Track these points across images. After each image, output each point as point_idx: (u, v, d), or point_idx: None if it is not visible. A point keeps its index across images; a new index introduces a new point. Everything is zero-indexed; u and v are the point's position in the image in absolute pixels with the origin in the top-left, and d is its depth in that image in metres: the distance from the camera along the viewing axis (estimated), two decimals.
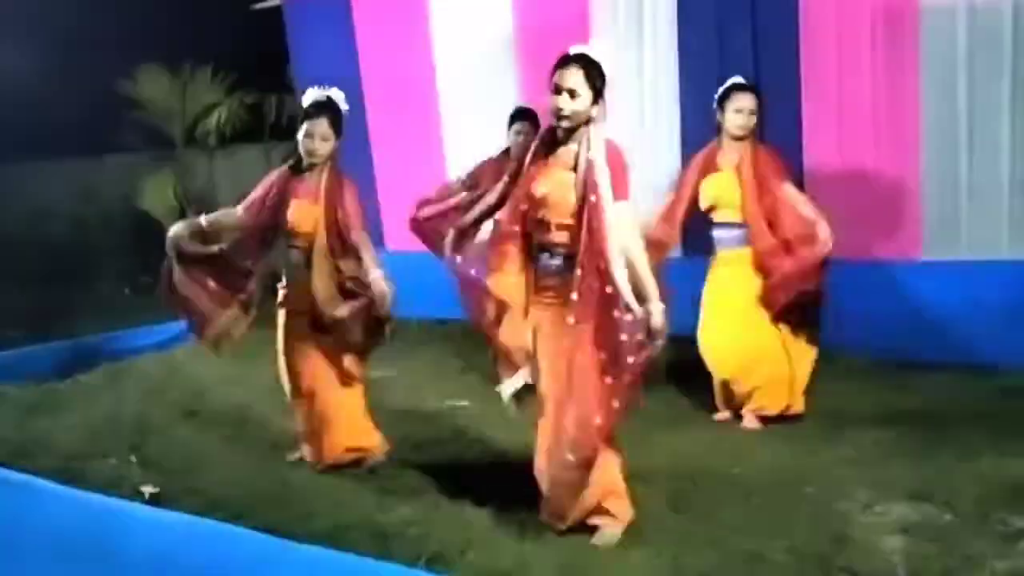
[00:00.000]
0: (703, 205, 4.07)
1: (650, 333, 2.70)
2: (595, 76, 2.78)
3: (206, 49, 9.24)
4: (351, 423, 3.74)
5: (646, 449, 3.81)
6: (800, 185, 4.98)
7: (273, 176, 3.70)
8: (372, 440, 3.79)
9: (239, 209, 3.69)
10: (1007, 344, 4.40)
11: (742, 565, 2.77)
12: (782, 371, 4.01)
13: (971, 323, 4.50)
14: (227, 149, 9.67)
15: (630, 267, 2.74)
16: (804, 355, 4.05)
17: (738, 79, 4.09)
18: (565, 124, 2.81)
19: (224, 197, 10.10)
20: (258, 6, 7.07)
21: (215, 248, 3.63)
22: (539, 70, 5.74)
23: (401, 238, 6.49)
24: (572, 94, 2.76)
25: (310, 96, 3.64)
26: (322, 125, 3.56)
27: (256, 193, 3.68)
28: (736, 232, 4.01)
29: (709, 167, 4.08)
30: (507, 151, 4.67)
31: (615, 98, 5.62)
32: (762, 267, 3.95)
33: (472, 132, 6.23)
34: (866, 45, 4.76)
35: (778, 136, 5.01)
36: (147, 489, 3.51)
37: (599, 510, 2.97)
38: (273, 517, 3.17)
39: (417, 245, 4.65)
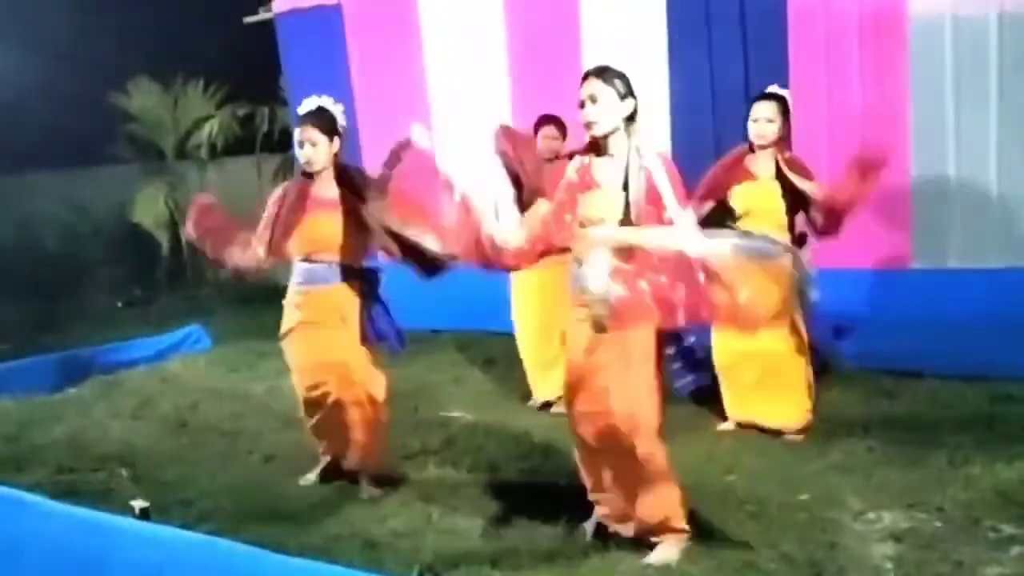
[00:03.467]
0: (737, 211, 3.97)
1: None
2: (613, 80, 2.78)
3: (198, 62, 9.28)
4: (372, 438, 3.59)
5: None
6: None
7: (279, 191, 3.58)
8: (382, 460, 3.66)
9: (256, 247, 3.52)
10: (996, 352, 4.41)
11: (735, 573, 2.78)
12: (795, 383, 3.98)
13: (960, 331, 4.52)
14: (218, 161, 9.69)
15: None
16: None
17: (770, 89, 4.04)
18: (597, 131, 2.80)
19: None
20: (250, 19, 7.08)
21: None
22: (530, 80, 5.86)
23: None
24: (593, 100, 2.78)
25: (303, 107, 3.57)
26: (308, 130, 3.46)
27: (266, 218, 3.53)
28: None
29: (741, 173, 3.99)
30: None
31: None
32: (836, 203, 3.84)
33: (464, 143, 6.25)
34: (855, 54, 4.80)
35: None
36: (137, 503, 3.49)
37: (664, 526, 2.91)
38: (265, 530, 3.17)
39: None
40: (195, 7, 9.41)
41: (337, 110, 3.56)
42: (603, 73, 2.81)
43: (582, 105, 2.82)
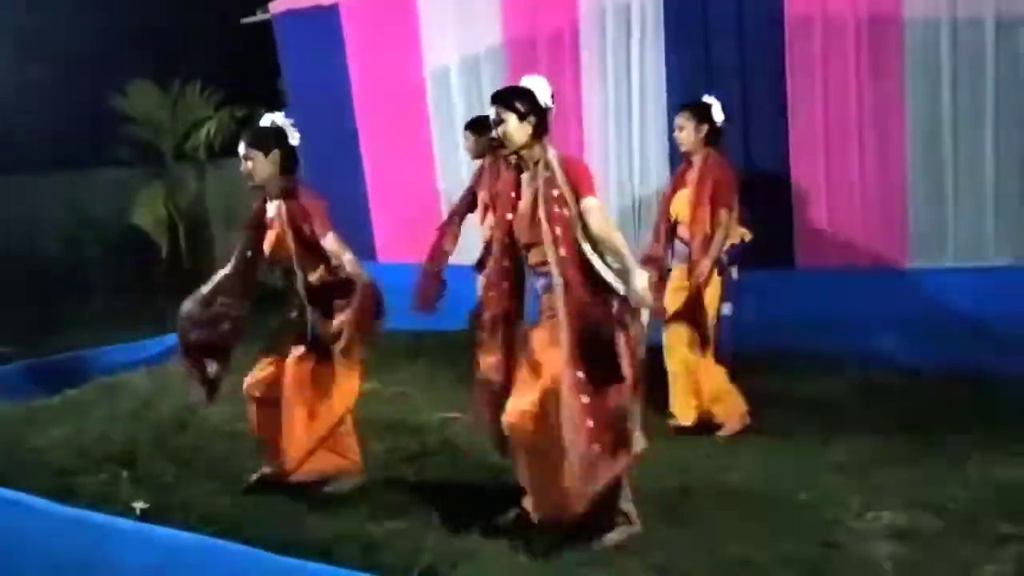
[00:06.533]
0: (672, 217, 4.19)
1: (633, 310, 2.86)
2: (512, 100, 2.99)
3: (196, 63, 9.28)
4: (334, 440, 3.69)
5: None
6: (788, 196, 5.05)
7: (254, 207, 3.71)
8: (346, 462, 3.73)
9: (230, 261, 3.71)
10: (994, 350, 4.43)
11: (734, 572, 2.79)
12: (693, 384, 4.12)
13: (958, 330, 4.53)
14: (217, 163, 9.67)
15: (612, 253, 2.90)
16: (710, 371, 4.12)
17: (706, 99, 4.18)
18: (505, 150, 3.05)
19: (214, 210, 10.16)
20: (248, 20, 7.09)
21: (216, 311, 3.66)
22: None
23: (392, 249, 6.52)
24: (497, 123, 3.00)
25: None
26: (242, 146, 3.55)
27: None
28: (682, 248, 4.16)
29: (679, 183, 4.20)
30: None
31: (604, 107, 5.73)
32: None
33: (462, 145, 6.25)
34: (851, 58, 4.81)
35: (766, 148, 5.07)
36: (138, 505, 3.50)
37: (608, 514, 3.00)
38: (264, 531, 3.17)
39: (408, 256, 4.69)
40: (193, 9, 9.41)
41: (284, 125, 3.60)
42: (502, 98, 3.01)
43: (493, 125, 3.02)
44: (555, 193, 2.92)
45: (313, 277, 3.55)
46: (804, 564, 2.81)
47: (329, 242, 3.44)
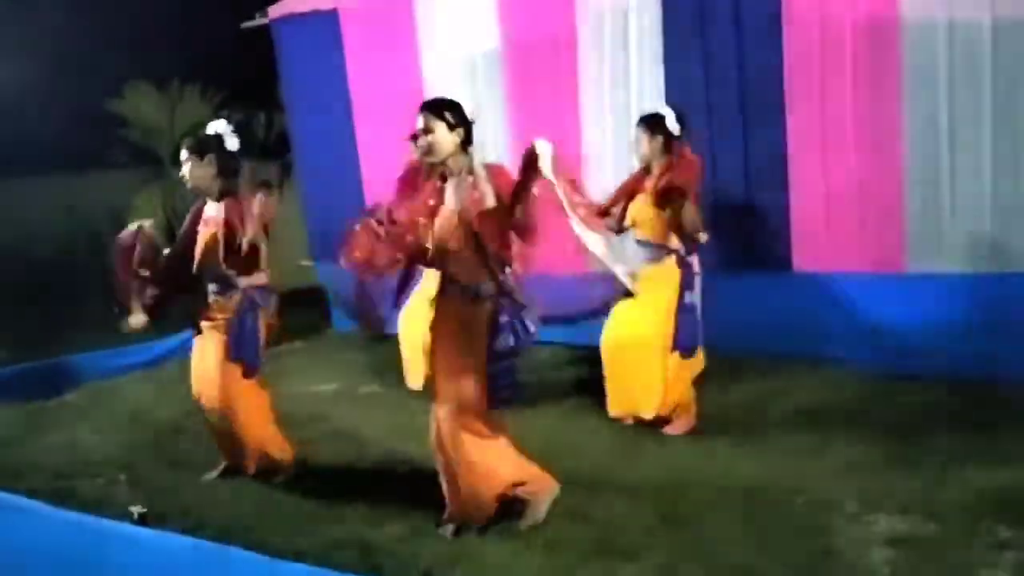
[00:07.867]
0: (627, 222, 4.28)
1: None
2: (443, 111, 3.10)
3: (195, 67, 9.31)
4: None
5: (634, 461, 3.83)
6: (785, 198, 5.06)
7: (194, 208, 3.84)
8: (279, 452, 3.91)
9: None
10: (990, 355, 4.43)
11: None
12: (656, 379, 4.13)
13: (955, 335, 4.54)
14: None
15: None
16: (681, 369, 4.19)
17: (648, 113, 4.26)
18: (429, 159, 3.15)
19: None
20: (247, 24, 7.09)
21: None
22: (526, 85, 5.87)
23: None
24: (426, 131, 3.10)
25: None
26: (183, 152, 3.72)
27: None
28: (643, 250, 4.21)
29: (637, 188, 4.26)
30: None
31: (601, 111, 5.72)
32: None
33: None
34: (849, 61, 4.82)
35: (764, 150, 5.07)
36: (135, 509, 3.49)
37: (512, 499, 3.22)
38: (262, 535, 3.17)
39: None
40: (192, 12, 9.43)
41: (224, 132, 3.73)
42: (433, 108, 3.11)
43: (420, 134, 3.11)
44: (475, 195, 3.06)
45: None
46: (801, 569, 2.82)
47: (247, 241, 3.59)
